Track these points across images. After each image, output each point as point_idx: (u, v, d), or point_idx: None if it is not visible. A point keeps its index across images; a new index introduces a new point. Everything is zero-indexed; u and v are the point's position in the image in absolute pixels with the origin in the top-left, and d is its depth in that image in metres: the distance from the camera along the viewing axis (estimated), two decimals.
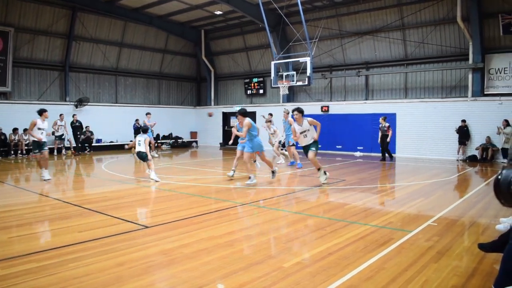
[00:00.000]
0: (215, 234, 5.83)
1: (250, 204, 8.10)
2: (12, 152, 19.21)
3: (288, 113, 14.65)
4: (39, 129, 11.08)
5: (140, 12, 23.28)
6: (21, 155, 19.21)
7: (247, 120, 10.13)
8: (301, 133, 10.04)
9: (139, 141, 11.38)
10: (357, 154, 20.26)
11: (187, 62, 29.24)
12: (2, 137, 19.08)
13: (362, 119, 20.53)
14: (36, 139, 11.11)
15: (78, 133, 20.91)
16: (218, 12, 23.06)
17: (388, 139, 16.79)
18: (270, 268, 4.45)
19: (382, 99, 20.99)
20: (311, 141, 10.12)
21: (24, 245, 5.44)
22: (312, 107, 22.38)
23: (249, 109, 25.64)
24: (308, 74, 18.29)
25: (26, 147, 19.33)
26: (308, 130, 10.08)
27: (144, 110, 24.76)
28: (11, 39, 19.96)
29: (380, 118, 17.07)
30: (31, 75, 21.54)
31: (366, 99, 21.46)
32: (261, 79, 25.87)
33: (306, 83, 18.68)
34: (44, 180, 11.08)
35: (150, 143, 13.99)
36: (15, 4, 19.79)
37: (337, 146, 21.56)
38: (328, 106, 22.01)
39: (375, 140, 18.32)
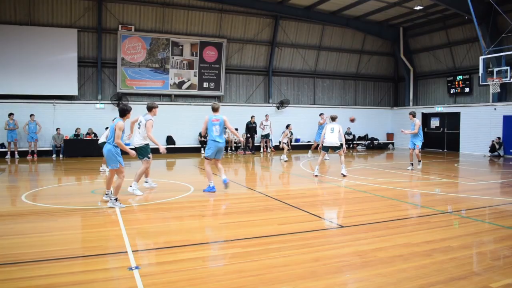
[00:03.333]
0: (412, 241, 5.62)
1: (451, 213, 7.53)
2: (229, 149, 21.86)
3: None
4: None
5: (337, 15, 23.68)
6: (230, 151, 21.56)
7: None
8: None
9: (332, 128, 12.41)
10: None
11: (384, 62, 28.56)
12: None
13: None
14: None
15: (254, 133, 22.14)
16: (418, 7, 21.89)
17: None
18: (474, 285, 4.08)
19: None
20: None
21: (232, 231, 6.16)
22: None
23: (453, 110, 23.74)
24: None
25: (234, 144, 21.74)
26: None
27: (341, 111, 25.17)
28: (224, 49, 22.67)
29: None
30: (239, 80, 24.08)
31: None
32: (467, 76, 23.59)
33: None
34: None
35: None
36: (227, 18, 22.41)
37: None
38: None
39: None
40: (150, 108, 9.65)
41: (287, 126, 18.07)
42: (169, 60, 21.81)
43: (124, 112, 7.94)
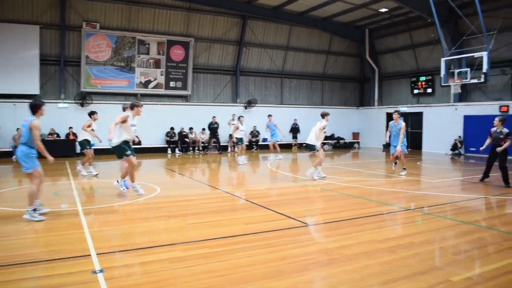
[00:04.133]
0: (376, 238, 5.73)
1: (414, 209, 7.72)
2: (191, 148, 21.60)
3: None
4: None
5: (305, 15, 23.90)
6: (198, 151, 21.42)
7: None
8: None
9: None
10: None
11: (350, 63, 29.04)
12: (170, 135, 21.50)
13: None
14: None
15: (216, 134, 21.99)
16: (383, 10, 22.39)
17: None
18: (436, 280, 4.20)
19: None
20: None
21: (199, 232, 6.12)
22: (489, 107, 20.20)
23: (416, 109, 24.36)
24: (484, 70, 16.67)
25: (202, 144, 21.57)
26: None
27: (308, 111, 25.48)
28: (191, 48, 22.50)
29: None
30: (207, 79, 23.96)
31: None
32: (430, 77, 24.28)
33: (482, 80, 17.04)
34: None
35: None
36: (194, 17, 22.27)
37: None
38: (508, 106, 19.56)
39: None
40: (132, 107, 9.28)
41: (238, 118, 16.95)
42: (135, 58, 21.46)
43: (35, 108, 6.95)
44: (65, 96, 20.22)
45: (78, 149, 11.73)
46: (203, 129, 21.97)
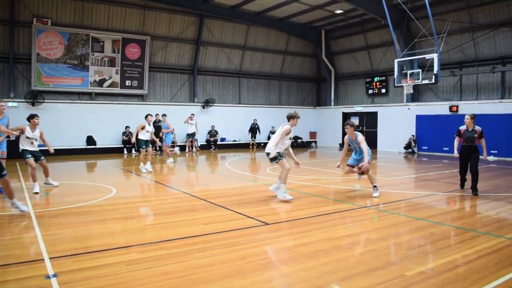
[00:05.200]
0: (333, 236, 5.82)
1: (370, 207, 7.91)
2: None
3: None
4: (147, 131, 13.31)
5: (262, 15, 24.02)
6: (154, 152, 21.07)
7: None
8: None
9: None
10: (491, 158, 18.51)
11: (307, 63, 29.44)
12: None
13: (497, 120, 18.64)
14: (143, 139, 13.34)
15: (161, 133, 21.85)
16: (339, 11, 22.84)
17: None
18: (391, 275, 4.32)
19: None
20: None
21: (156, 233, 6.01)
22: (439, 107, 21.05)
23: (371, 109, 24.99)
24: (435, 72, 17.35)
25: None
26: None
27: (266, 111, 25.64)
28: (148, 47, 22.12)
29: None
30: (164, 78, 23.62)
31: (502, 98, 19.50)
32: (384, 78, 25.00)
33: (433, 81, 17.74)
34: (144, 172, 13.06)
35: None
36: (150, 15, 21.88)
37: None
38: (457, 106, 20.46)
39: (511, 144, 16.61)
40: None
41: (146, 117, 13.99)
42: (89, 56, 20.85)
43: None
44: (15, 94, 19.37)
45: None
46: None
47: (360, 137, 9.15)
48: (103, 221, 6.76)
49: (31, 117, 9.38)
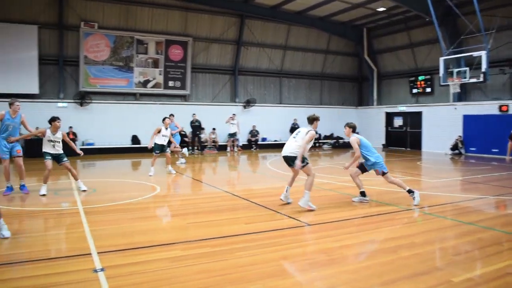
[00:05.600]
0: (377, 238, 5.72)
1: (415, 209, 7.71)
2: (190, 148, 21.57)
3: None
4: (163, 135, 12.64)
5: (302, 14, 23.86)
6: (197, 151, 21.39)
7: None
8: None
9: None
10: None
11: (349, 62, 29.03)
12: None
13: None
14: (158, 143, 12.63)
15: (198, 132, 21.85)
16: (381, 9, 22.38)
17: None
18: (437, 280, 4.19)
19: None
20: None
21: (199, 231, 6.11)
22: (488, 107, 20.20)
23: (415, 109, 24.36)
24: (483, 70, 16.71)
25: (201, 144, 21.60)
26: None
27: (307, 111, 25.47)
28: (190, 48, 22.49)
29: None
30: (206, 79, 23.93)
31: None
32: (428, 76, 24.27)
33: (481, 79, 17.07)
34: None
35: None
36: (192, 17, 22.25)
37: None
38: (507, 105, 19.57)
39: None
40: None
41: (163, 120, 13.20)
42: (134, 58, 21.43)
43: None
44: (64, 95, 20.17)
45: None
46: (203, 129, 21.94)
47: (352, 139, 8.63)
48: (147, 218, 6.94)
49: (52, 120, 9.34)
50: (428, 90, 24.33)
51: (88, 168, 9.94)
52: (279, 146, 21.80)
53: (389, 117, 26.38)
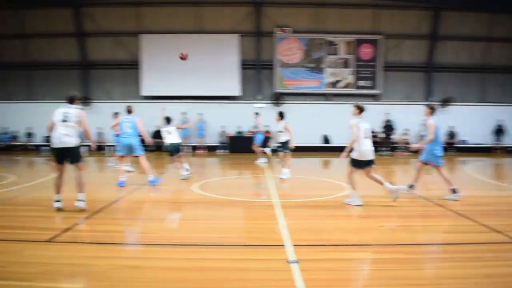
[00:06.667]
0: None
1: None
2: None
3: None
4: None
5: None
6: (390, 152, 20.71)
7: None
8: None
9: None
10: None
11: None
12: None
13: None
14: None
15: (389, 132, 20.99)
16: None
17: None
18: None
19: None
20: None
21: (391, 235, 5.89)
22: None
23: None
24: None
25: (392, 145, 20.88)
26: None
27: None
28: (380, 46, 21.97)
29: None
30: (396, 77, 22.86)
31: None
32: None
33: None
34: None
35: None
36: (382, 13, 21.85)
37: None
38: None
39: None
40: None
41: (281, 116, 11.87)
42: (324, 59, 21.94)
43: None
44: (262, 97, 21.97)
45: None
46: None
47: (429, 122, 8.55)
48: (336, 216, 6.98)
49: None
50: None
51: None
52: (480, 150, 19.70)
53: None
